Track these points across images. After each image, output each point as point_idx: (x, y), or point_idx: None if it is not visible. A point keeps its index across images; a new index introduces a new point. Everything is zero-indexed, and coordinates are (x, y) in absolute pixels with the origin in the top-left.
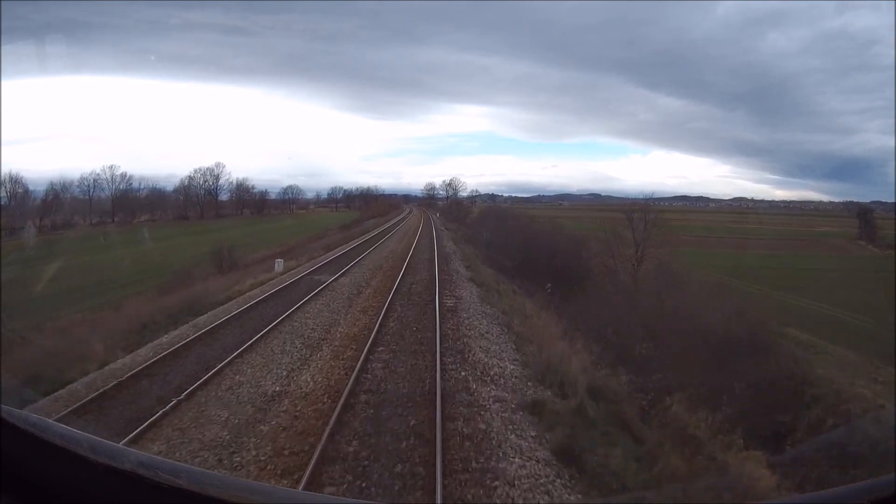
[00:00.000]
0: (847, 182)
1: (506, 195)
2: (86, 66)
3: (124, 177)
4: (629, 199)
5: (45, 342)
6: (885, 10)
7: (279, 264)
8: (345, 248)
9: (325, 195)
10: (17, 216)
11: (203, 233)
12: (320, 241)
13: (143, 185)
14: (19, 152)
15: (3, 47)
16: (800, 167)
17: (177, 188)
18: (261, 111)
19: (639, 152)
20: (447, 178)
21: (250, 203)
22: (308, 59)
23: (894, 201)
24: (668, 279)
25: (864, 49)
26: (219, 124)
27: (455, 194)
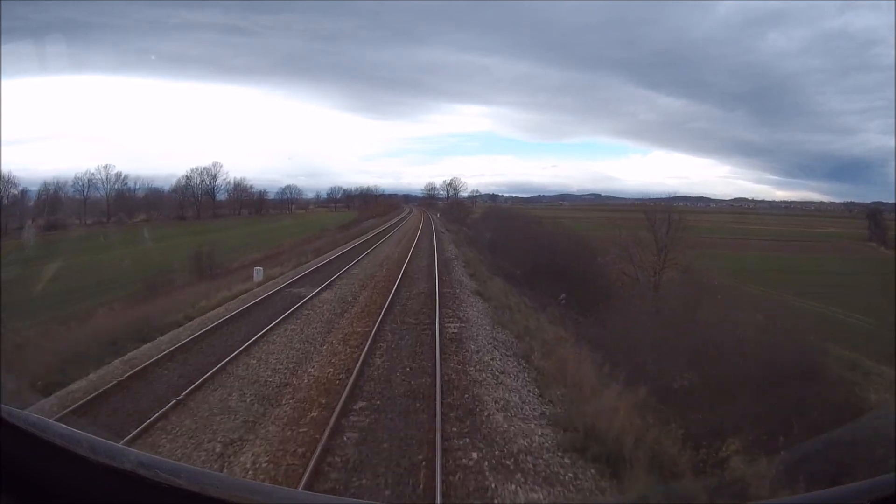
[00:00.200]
0: (847, 182)
1: (506, 195)
2: (86, 65)
3: (119, 176)
4: (629, 199)
5: None
6: (885, 10)
7: (258, 273)
8: (337, 252)
9: (325, 195)
10: (10, 217)
11: (196, 234)
12: (314, 243)
13: (138, 185)
14: (19, 152)
15: (3, 47)
16: (800, 167)
17: (174, 188)
18: (261, 111)
19: (639, 152)
20: (447, 178)
21: (248, 203)
22: (308, 59)
23: (894, 202)
24: (697, 289)
25: (865, 49)
26: (219, 124)
27: (455, 194)
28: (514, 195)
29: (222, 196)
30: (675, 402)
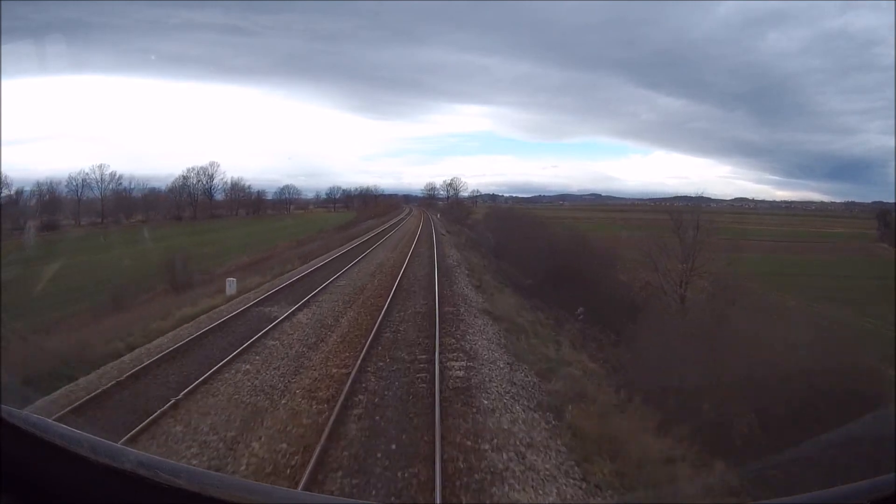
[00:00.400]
0: (848, 182)
1: (506, 195)
2: (86, 65)
3: (114, 176)
4: (629, 199)
5: None
6: (886, 10)
7: (231, 285)
8: (328, 258)
9: (324, 195)
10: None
11: (188, 235)
12: (307, 245)
13: (133, 185)
14: (16, 153)
15: (3, 47)
16: (800, 167)
17: (170, 188)
18: (261, 111)
19: (639, 152)
20: (448, 179)
21: (246, 203)
22: (308, 59)
23: (894, 202)
24: (728, 301)
25: (865, 49)
26: (219, 124)
27: (456, 194)
28: (514, 195)
29: (220, 196)
30: (742, 462)
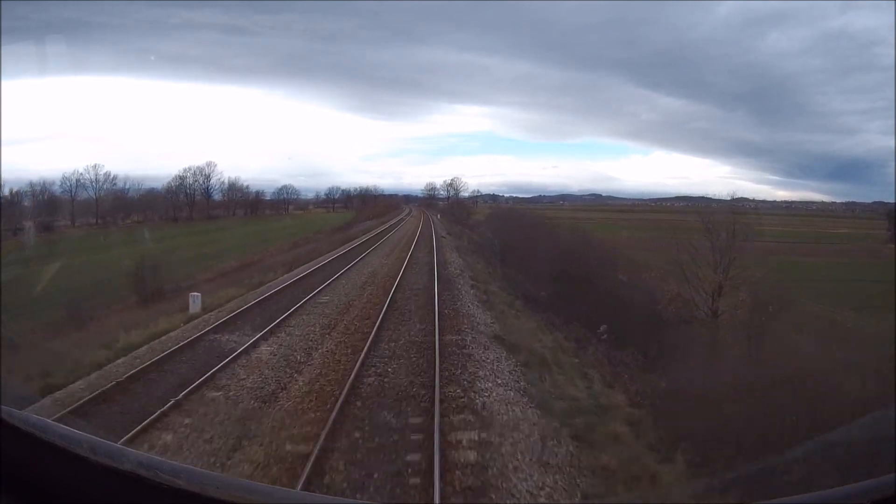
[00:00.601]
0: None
1: (506, 195)
2: (86, 66)
3: (108, 176)
4: (630, 199)
5: None
6: (886, 9)
7: (195, 301)
8: (317, 264)
9: (324, 195)
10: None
11: (178, 237)
12: (299, 248)
13: (128, 185)
14: (13, 153)
15: (3, 47)
16: (800, 167)
17: (165, 188)
18: (261, 111)
19: (639, 152)
20: (448, 179)
21: (243, 203)
22: (308, 59)
23: (894, 202)
24: (768, 314)
25: (865, 49)
26: (218, 124)
27: (456, 195)
28: (514, 195)
29: (218, 196)
30: None
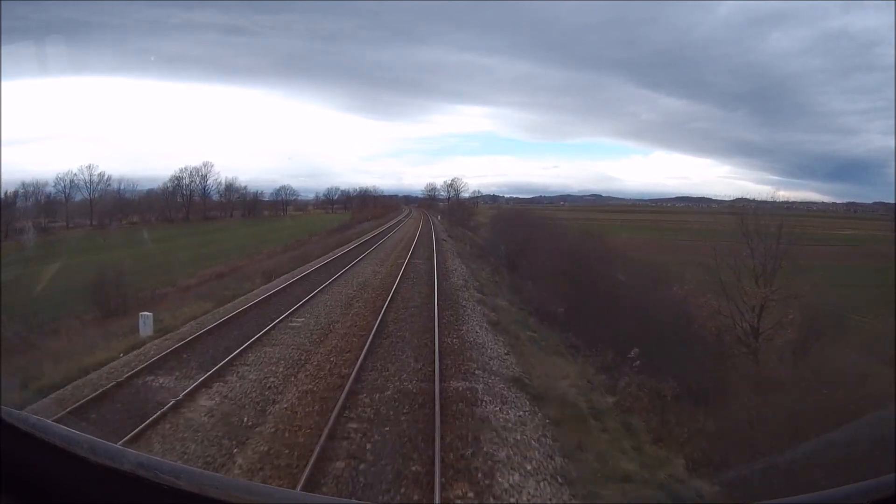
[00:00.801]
0: (848, 183)
1: (507, 196)
2: (86, 66)
3: (102, 176)
4: (630, 199)
5: None
6: (886, 10)
7: (144, 323)
8: (302, 272)
9: (323, 196)
10: None
11: (169, 239)
12: (287, 253)
13: (123, 185)
14: (17, 153)
15: (3, 47)
16: (801, 168)
17: (161, 189)
18: (261, 111)
19: (640, 153)
20: (448, 179)
21: (240, 204)
22: (308, 59)
23: (895, 202)
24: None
25: (866, 49)
26: (219, 125)
27: (457, 195)
28: (515, 196)
29: (216, 197)
30: None
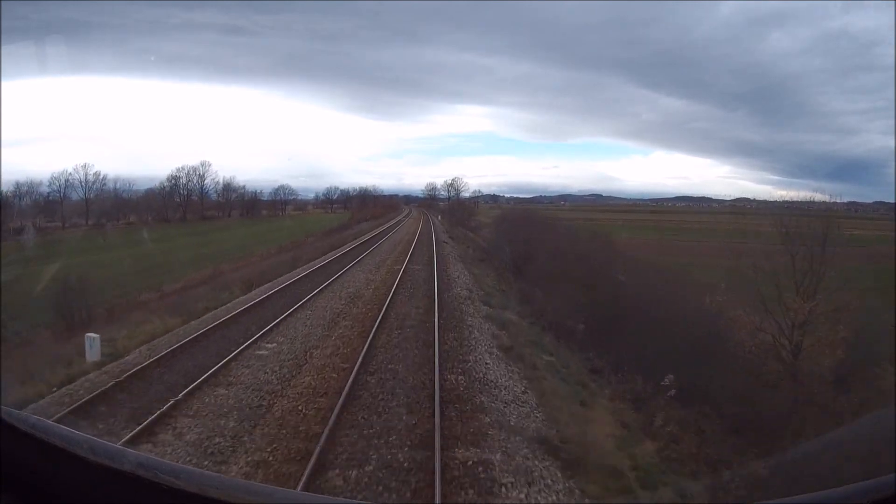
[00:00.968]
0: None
1: (507, 196)
2: (86, 66)
3: (98, 176)
4: (630, 199)
5: None
6: (886, 10)
7: (91, 346)
8: (289, 279)
9: (322, 195)
10: None
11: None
12: (280, 256)
13: (119, 185)
14: (17, 153)
15: (3, 47)
16: (801, 168)
17: (157, 189)
18: (261, 111)
19: (640, 153)
20: (449, 179)
21: (238, 203)
22: (308, 59)
23: (895, 202)
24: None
25: (866, 49)
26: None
27: (457, 195)
28: (515, 196)
29: (215, 197)
30: None
